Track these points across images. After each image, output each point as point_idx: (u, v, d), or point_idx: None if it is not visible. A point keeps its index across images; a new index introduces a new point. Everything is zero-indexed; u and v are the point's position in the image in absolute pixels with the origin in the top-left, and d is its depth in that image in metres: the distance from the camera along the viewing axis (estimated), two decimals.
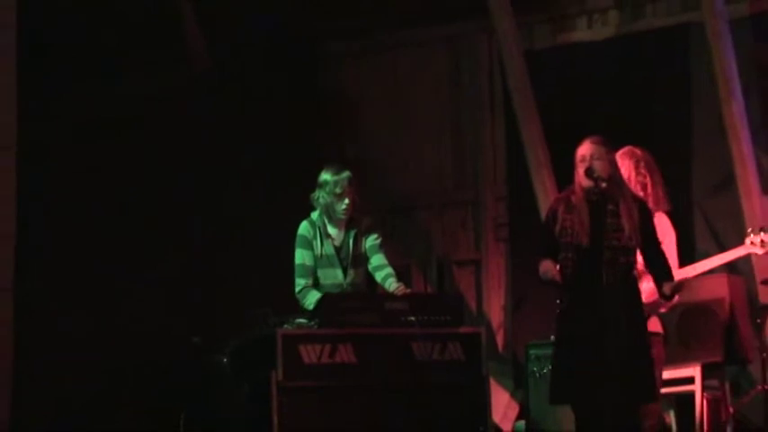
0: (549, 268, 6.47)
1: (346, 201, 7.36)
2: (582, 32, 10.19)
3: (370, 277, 7.54)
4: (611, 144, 6.53)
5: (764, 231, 7.10)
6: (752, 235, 7.13)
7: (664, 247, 6.54)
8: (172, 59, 10.10)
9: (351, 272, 7.41)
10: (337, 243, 7.44)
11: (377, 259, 7.47)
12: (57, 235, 8.93)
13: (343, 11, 10.54)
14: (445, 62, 10.73)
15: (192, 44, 10.29)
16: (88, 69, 9.17)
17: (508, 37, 9.27)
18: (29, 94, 7.85)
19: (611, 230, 6.39)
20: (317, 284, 7.38)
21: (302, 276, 7.39)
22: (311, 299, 7.26)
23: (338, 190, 7.37)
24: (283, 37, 10.44)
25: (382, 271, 7.44)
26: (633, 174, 6.78)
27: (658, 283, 6.40)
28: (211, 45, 10.22)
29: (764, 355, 8.06)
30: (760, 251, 7.14)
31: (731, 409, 8.18)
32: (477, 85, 10.54)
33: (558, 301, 6.61)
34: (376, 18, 10.52)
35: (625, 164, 6.70)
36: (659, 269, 6.45)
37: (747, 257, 8.02)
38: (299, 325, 6.99)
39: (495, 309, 10.01)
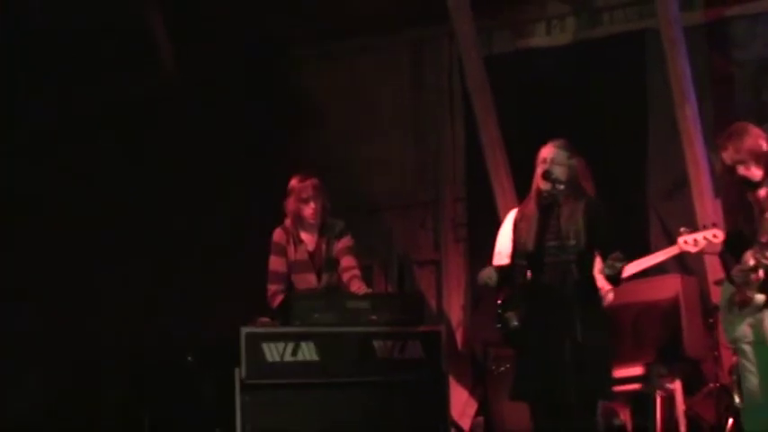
0: (482, 275, 6.62)
1: (312, 206, 7.41)
2: (540, 38, 10.22)
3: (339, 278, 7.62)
4: (572, 147, 6.61)
5: (698, 231, 7.22)
6: (685, 235, 7.23)
7: None
8: (143, 66, 10.13)
9: (325, 276, 7.50)
10: (311, 248, 7.50)
11: (346, 261, 7.53)
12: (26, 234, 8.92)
13: (307, 16, 10.53)
14: (407, 66, 10.73)
15: (161, 51, 10.31)
16: (63, 75, 9.15)
17: (468, 42, 9.29)
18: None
19: (552, 232, 6.45)
20: (291, 289, 7.42)
21: (273, 283, 7.47)
22: (277, 304, 7.34)
23: (304, 195, 7.43)
24: (250, 43, 10.46)
25: (348, 273, 7.50)
26: None
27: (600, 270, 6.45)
28: (180, 52, 10.24)
29: (716, 353, 8.15)
30: (693, 250, 7.25)
31: (684, 407, 8.24)
32: (438, 88, 10.54)
33: (498, 302, 6.70)
34: (340, 22, 10.48)
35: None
36: (605, 257, 6.44)
37: (701, 258, 8.13)
38: None
39: (455, 308, 10.02)
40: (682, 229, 7.42)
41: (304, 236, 7.49)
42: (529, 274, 6.52)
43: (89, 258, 9.35)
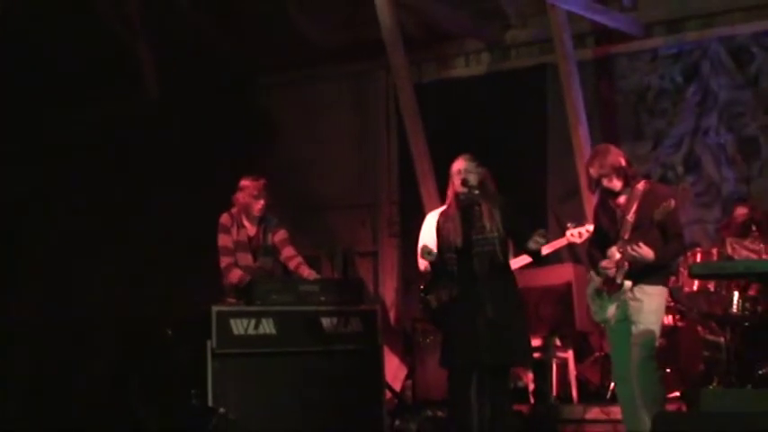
0: (422, 250, 6.64)
1: (261, 202, 7.45)
2: (461, 69, 10.29)
3: (284, 265, 7.60)
4: (480, 159, 6.63)
5: (581, 225, 7.26)
6: (571, 228, 7.28)
7: None
8: (129, 89, 10.06)
9: (260, 259, 7.49)
10: (251, 234, 7.52)
11: (288, 251, 7.56)
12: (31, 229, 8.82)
13: (272, 50, 10.53)
14: (352, 92, 10.76)
15: (146, 76, 10.25)
16: (56, 96, 9.04)
17: (401, 73, 9.26)
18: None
19: (477, 228, 6.48)
20: (236, 264, 7.41)
21: (226, 255, 7.47)
22: (233, 276, 7.30)
23: (255, 193, 7.46)
24: (223, 70, 10.42)
25: (294, 260, 7.52)
26: None
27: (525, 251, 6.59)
28: (163, 77, 10.18)
29: (602, 326, 8.20)
30: (578, 241, 7.32)
31: (575, 372, 8.28)
32: (377, 111, 10.59)
33: (420, 287, 6.72)
34: (299, 56, 10.51)
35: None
36: (522, 244, 6.51)
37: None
38: None
39: (389, 291, 10.06)
40: (568, 224, 7.47)
41: (246, 223, 7.52)
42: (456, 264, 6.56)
43: (86, 251, 9.27)
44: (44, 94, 8.88)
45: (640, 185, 6.54)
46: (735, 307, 7.53)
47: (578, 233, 7.41)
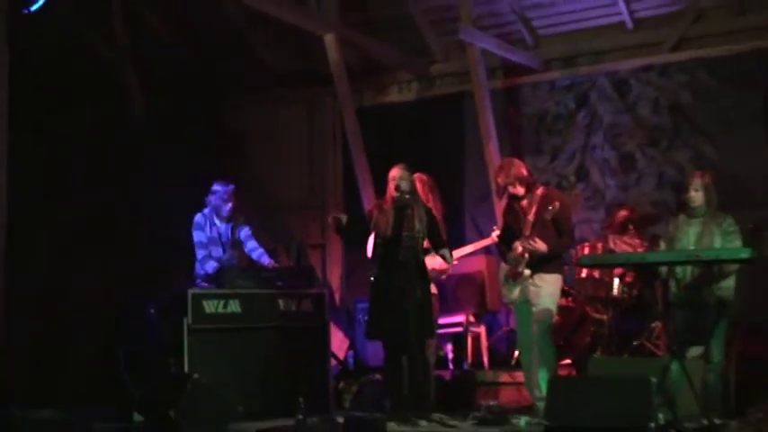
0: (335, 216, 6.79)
1: (230, 205, 7.43)
2: (394, 96, 10.32)
3: (248, 256, 7.59)
4: (412, 169, 6.72)
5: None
6: (496, 230, 7.38)
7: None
8: (118, 106, 10.00)
9: (228, 251, 7.47)
10: (221, 231, 7.49)
11: (251, 244, 7.54)
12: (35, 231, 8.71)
13: (238, 76, 10.53)
14: (305, 114, 10.72)
15: (132, 93, 10.19)
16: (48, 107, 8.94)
17: (345, 98, 9.29)
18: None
19: (407, 226, 6.55)
20: (210, 256, 7.40)
21: (202, 249, 7.42)
22: (209, 266, 7.29)
23: (225, 196, 7.43)
24: (196, 92, 10.36)
25: (257, 252, 7.51)
26: (422, 191, 6.94)
27: (439, 255, 6.67)
28: (147, 97, 10.13)
29: (509, 306, 8.31)
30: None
31: (487, 343, 8.39)
32: (326, 129, 10.57)
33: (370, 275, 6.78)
34: (261, 82, 10.50)
35: (417, 184, 6.85)
36: (439, 248, 6.63)
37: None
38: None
39: (335, 277, 10.06)
40: (494, 227, 7.58)
41: (217, 221, 7.50)
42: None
43: (83, 245, 9.21)
44: (46, 107, 8.77)
45: (539, 191, 6.66)
46: (615, 290, 7.62)
47: (498, 234, 7.54)
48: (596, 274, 7.72)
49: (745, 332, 6.95)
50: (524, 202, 6.63)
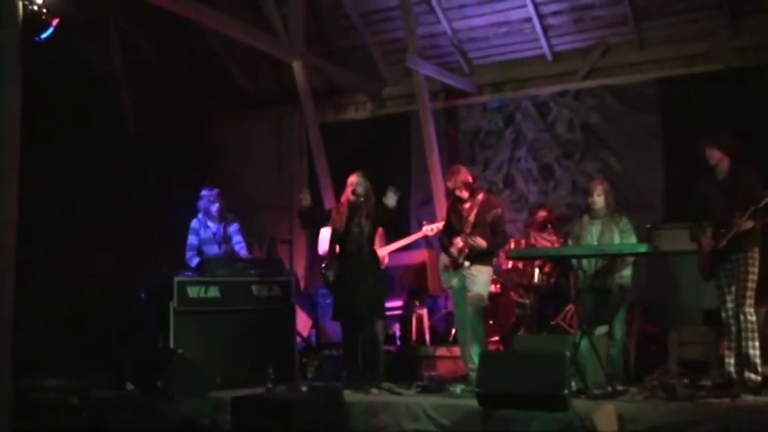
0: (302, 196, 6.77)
1: (216, 205, 7.38)
2: (352, 114, 10.27)
3: (233, 248, 7.55)
4: (366, 176, 6.72)
5: (433, 223, 7.39)
6: (426, 225, 7.42)
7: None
8: (113, 120, 9.89)
9: (223, 246, 7.42)
10: (213, 231, 7.43)
11: (237, 239, 7.52)
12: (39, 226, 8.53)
13: (218, 97, 10.44)
14: (275, 129, 10.64)
15: (126, 113, 10.08)
16: (55, 122, 8.77)
17: (310, 115, 9.25)
18: None
19: (357, 223, 6.55)
20: (201, 254, 7.33)
21: (190, 250, 7.39)
22: (193, 262, 7.24)
23: (212, 198, 7.38)
24: (182, 110, 10.27)
25: (239, 245, 7.48)
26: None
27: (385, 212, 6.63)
28: (138, 114, 10.03)
29: (448, 291, 8.31)
30: (431, 234, 7.46)
31: (428, 324, 8.38)
32: (293, 142, 10.49)
33: (322, 264, 6.78)
34: (237, 101, 10.41)
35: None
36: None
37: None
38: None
39: (300, 267, 9.97)
40: (424, 222, 7.61)
41: (209, 223, 7.44)
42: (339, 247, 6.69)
43: (83, 241, 9.06)
44: (53, 124, 8.61)
45: (480, 196, 6.69)
46: (536, 279, 7.63)
47: (431, 228, 7.56)
48: (520, 265, 7.74)
49: (641, 313, 7.05)
50: (467, 205, 6.64)
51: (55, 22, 5.85)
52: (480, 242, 6.43)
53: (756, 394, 5.51)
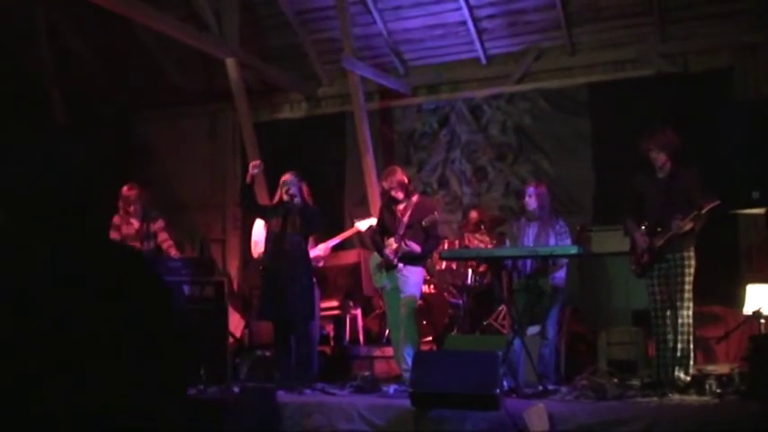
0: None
1: (133, 208, 7.30)
2: (286, 113, 10.16)
3: (159, 247, 7.41)
4: (300, 175, 6.66)
5: (363, 219, 7.38)
6: (356, 222, 7.42)
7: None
8: (43, 117, 9.61)
9: (144, 243, 7.26)
10: (136, 227, 7.31)
11: (162, 236, 7.37)
12: None
13: (150, 92, 10.23)
14: (209, 126, 10.48)
15: (56, 109, 9.82)
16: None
17: (244, 114, 9.12)
18: None
19: (291, 222, 6.50)
20: None
21: None
22: None
23: (132, 198, 7.27)
24: (114, 106, 10.06)
25: (166, 243, 7.35)
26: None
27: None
28: (70, 110, 9.77)
29: (380, 292, 8.31)
30: (362, 230, 7.45)
31: (362, 323, 8.35)
32: (226, 140, 10.35)
33: (260, 266, 6.70)
34: (169, 98, 10.22)
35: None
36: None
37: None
38: None
39: (233, 267, 9.87)
40: (355, 219, 7.60)
41: (131, 220, 7.31)
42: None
43: None
44: None
45: (415, 198, 6.69)
46: (469, 279, 7.70)
47: (362, 225, 7.54)
48: (454, 265, 7.78)
49: (572, 314, 7.14)
50: (401, 206, 6.63)
51: None
52: (414, 247, 6.45)
53: (683, 393, 5.61)
